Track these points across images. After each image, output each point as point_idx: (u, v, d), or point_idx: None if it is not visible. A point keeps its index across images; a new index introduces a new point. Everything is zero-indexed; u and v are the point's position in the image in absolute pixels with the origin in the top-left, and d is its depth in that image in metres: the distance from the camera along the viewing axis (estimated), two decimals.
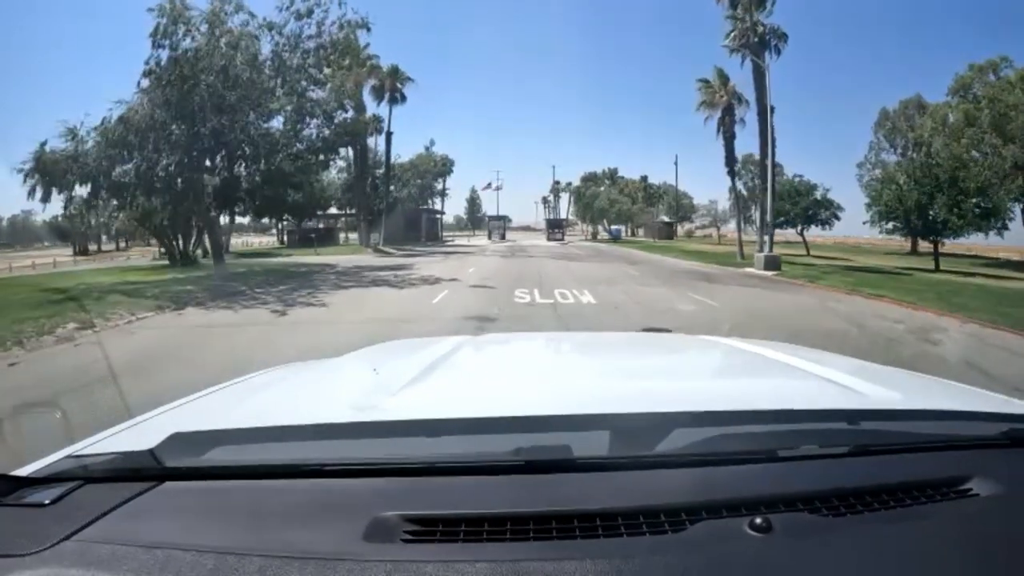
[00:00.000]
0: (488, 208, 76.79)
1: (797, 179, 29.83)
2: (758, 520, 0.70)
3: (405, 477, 0.83)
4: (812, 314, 9.99)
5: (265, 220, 42.52)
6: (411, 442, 0.91)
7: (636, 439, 0.90)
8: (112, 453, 0.90)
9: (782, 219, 27.12)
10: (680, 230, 59.34)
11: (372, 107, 37.99)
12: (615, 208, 59.20)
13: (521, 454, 0.85)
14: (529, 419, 0.94)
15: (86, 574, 0.63)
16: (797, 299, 12.20)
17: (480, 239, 53.44)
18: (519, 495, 0.78)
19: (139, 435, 0.98)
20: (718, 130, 25.99)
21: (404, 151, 51.98)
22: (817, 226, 29.04)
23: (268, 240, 44.98)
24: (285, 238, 44.36)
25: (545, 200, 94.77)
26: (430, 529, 0.71)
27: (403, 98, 38.41)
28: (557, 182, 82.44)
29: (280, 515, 0.75)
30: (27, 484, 0.82)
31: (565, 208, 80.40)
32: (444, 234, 61.20)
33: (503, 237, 52.04)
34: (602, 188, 63.29)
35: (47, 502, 0.77)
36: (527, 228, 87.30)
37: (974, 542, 0.72)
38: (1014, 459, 0.96)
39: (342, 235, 44.76)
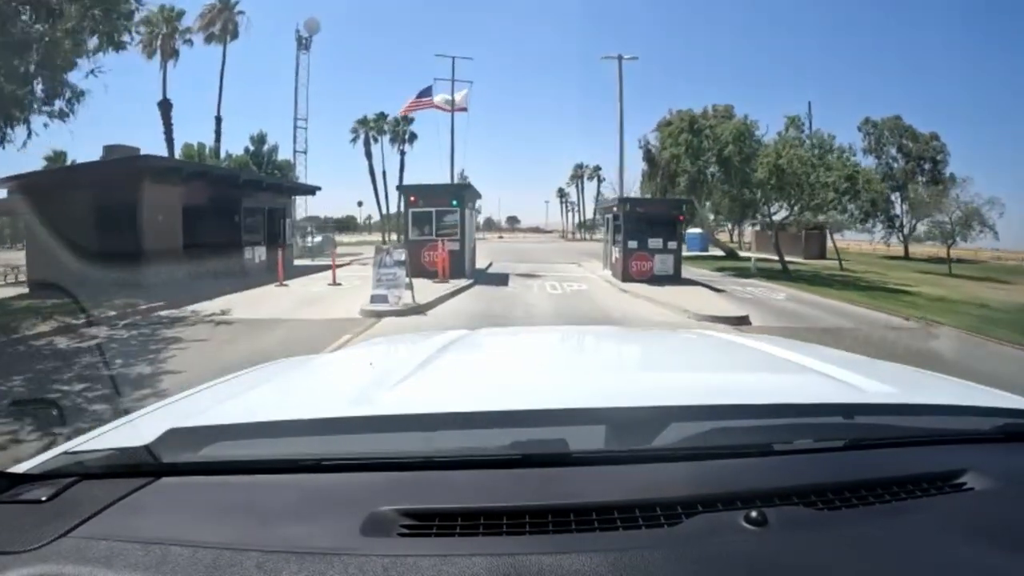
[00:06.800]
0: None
1: None
2: (754, 514, 0.71)
3: (402, 472, 0.83)
4: None
5: None
6: (407, 437, 0.91)
7: (632, 433, 0.91)
8: (108, 449, 0.90)
9: None
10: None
11: None
12: (834, 174, 18.29)
13: (517, 448, 0.85)
14: (525, 413, 0.94)
15: (83, 570, 0.63)
16: None
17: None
18: (515, 489, 0.79)
19: (136, 431, 0.98)
20: None
21: None
22: None
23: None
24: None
25: (561, 193, 65.97)
26: (427, 523, 0.71)
27: None
28: (586, 162, 48.63)
29: (277, 510, 0.75)
30: (23, 481, 0.82)
31: (592, 196, 43.99)
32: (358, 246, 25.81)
33: (470, 260, 16.97)
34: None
35: (44, 499, 0.77)
36: (536, 230, 70.64)
37: (969, 536, 0.72)
38: (1009, 453, 0.97)
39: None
